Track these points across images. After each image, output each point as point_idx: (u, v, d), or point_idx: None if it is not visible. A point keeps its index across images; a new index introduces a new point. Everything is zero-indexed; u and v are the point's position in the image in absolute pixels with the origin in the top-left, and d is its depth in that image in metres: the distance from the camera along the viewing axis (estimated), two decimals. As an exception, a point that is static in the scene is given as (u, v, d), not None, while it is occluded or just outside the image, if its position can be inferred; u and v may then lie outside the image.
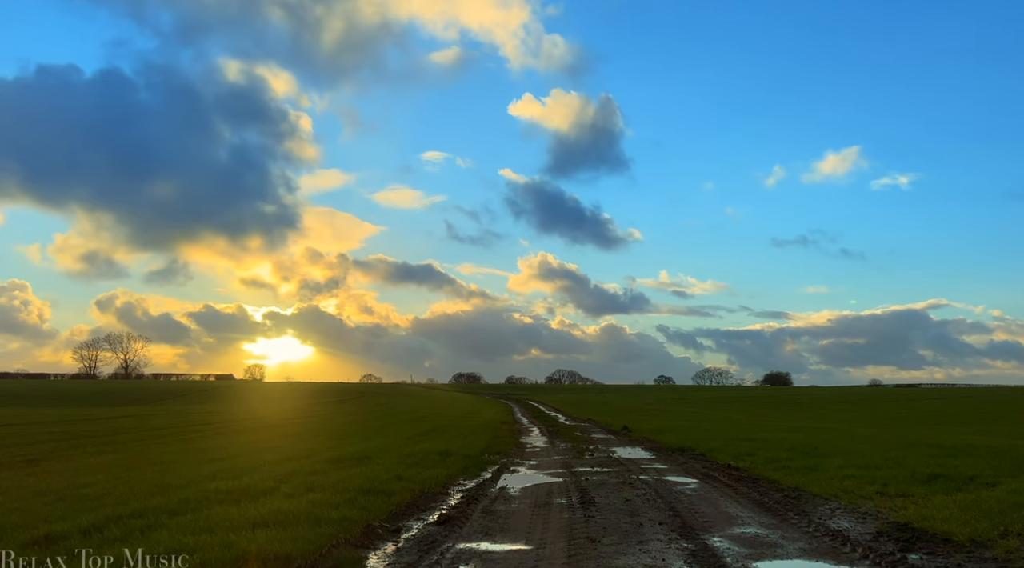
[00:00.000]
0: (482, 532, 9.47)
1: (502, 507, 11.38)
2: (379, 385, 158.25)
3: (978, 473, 13.38)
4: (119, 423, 40.37)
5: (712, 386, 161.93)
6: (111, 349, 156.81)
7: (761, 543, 8.75)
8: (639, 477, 14.88)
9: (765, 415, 48.81)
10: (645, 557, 8.02)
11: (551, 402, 73.94)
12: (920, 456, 16.47)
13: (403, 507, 10.96)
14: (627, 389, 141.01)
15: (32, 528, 8.83)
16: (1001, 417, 42.97)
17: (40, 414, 52.07)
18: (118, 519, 9.31)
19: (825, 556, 8.12)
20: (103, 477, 14.62)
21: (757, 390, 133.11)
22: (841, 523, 9.85)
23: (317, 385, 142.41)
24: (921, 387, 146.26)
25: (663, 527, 9.66)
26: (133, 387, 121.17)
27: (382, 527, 9.50)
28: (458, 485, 13.72)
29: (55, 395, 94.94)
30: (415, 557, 8.13)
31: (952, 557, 7.85)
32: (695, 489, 13.23)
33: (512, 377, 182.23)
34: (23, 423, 40.20)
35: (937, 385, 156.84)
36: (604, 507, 11.23)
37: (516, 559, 8.04)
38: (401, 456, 17.14)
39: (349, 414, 50.71)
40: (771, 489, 12.92)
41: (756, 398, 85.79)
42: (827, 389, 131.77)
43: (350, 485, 12.09)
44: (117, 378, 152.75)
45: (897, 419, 43.11)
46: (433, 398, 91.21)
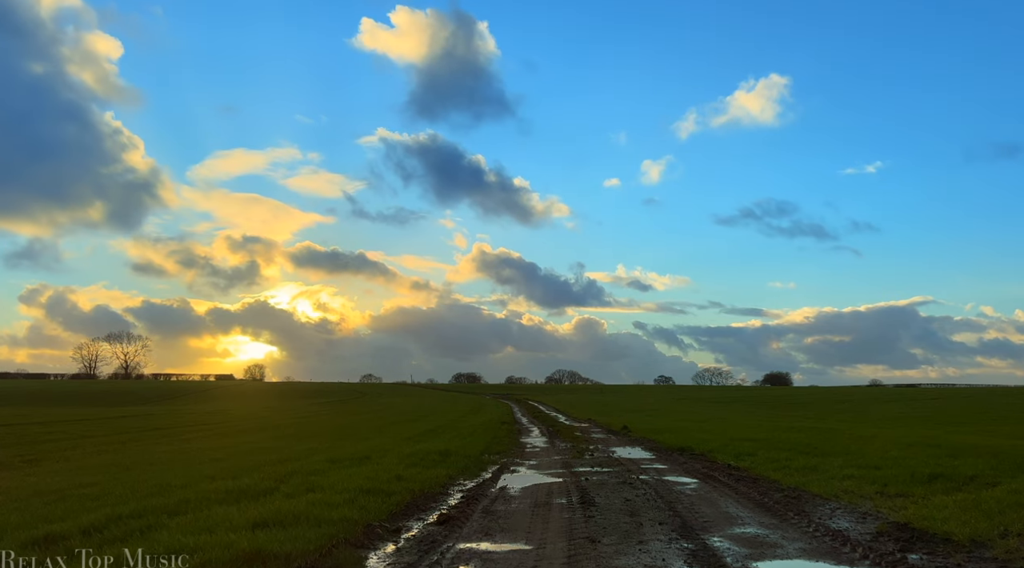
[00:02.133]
0: (482, 532, 9.47)
1: (502, 507, 11.38)
2: (379, 385, 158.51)
3: (978, 473, 13.37)
4: (119, 423, 40.36)
5: (712, 386, 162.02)
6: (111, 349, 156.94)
7: (761, 543, 8.74)
8: (639, 477, 14.87)
9: (765, 415, 48.82)
10: (645, 557, 8.02)
11: (551, 402, 73.94)
12: (920, 456, 16.47)
13: (403, 507, 10.96)
14: (627, 389, 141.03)
15: (32, 528, 8.83)
16: (1002, 417, 42.96)
17: (40, 414, 52.05)
18: (118, 519, 9.31)
19: (825, 556, 8.12)
20: (103, 477, 14.62)
21: (757, 390, 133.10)
22: (841, 523, 9.85)
23: (317, 385, 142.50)
24: (921, 387, 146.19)
25: (663, 527, 9.66)
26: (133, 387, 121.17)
27: (382, 527, 9.50)
28: (458, 485, 13.72)
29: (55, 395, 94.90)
30: (415, 557, 8.13)
31: (952, 557, 7.85)
32: (695, 489, 13.23)
33: (512, 377, 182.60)
34: (23, 423, 40.19)
35: (937, 385, 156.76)
36: (604, 507, 11.22)
37: (516, 559, 8.04)
38: (401, 456, 17.14)
39: (349, 414, 50.70)
40: (771, 489, 12.92)
41: (756, 398, 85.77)
42: (827, 389, 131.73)
43: (350, 485, 12.09)
44: (117, 378, 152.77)
45: (897, 419, 43.11)
46: (433, 398, 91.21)
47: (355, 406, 70.18)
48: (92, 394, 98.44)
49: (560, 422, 38.66)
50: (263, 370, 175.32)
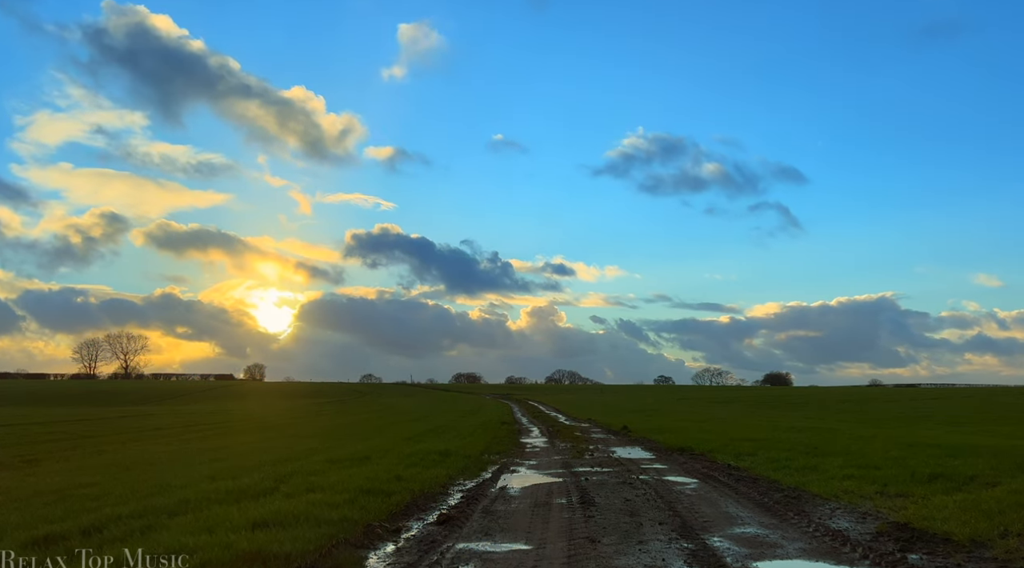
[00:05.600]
0: (482, 532, 9.46)
1: (502, 507, 11.37)
2: (379, 385, 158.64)
3: (978, 473, 13.37)
4: (119, 423, 40.37)
5: (712, 386, 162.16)
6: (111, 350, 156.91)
7: (761, 543, 8.74)
8: (639, 477, 14.87)
9: (765, 415, 48.79)
10: (645, 557, 8.02)
11: (551, 402, 73.92)
12: (920, 456, 16.46)
13: (403, 507, 10.95)
14: (626, 389, 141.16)
15: (32, 528, 8.83)
16: (1002, 417, 42.97)
17: (40, 414, 52.07)
18: (118, 519, 9.31)
19: (825, 556, 8.12)
20: (103, 477, 14.62)
21: (757, 390, 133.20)
22: (841, 523, 9.85)
23: (317, 385, 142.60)
24: (921, 387, 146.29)
25: (663, 527, 9.65)
26: (133, 387, 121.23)
27: (382, 527, 9.49)
28: (458, 485, 13.71)
29: (55, 395, 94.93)
30: (415, 557, 8.13)
31: (952, 557, 7.85)
32: (695, 489, 13.23)
33: (512, 377, 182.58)
34: (23, 423, 40.20)
35: (936, 385, 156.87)
36: (604, 507, 11.22)
37: (516, 559, 8.04)
38: (401, 456, 17.13)
39: (349, 414, 50.69)
40: (771, 489, 12.92)
41: (756, 398, 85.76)
42: (826, 389, 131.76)
43: (350, 485, 12.08)
44: (117, 378, 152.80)
45: (897, 419, 43.09)
46: (433, 398, 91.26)
47: (355, 406, 70.19)
48: (92, 394, 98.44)
49: (560, 422, 38.65)
50: (263, 370, 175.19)
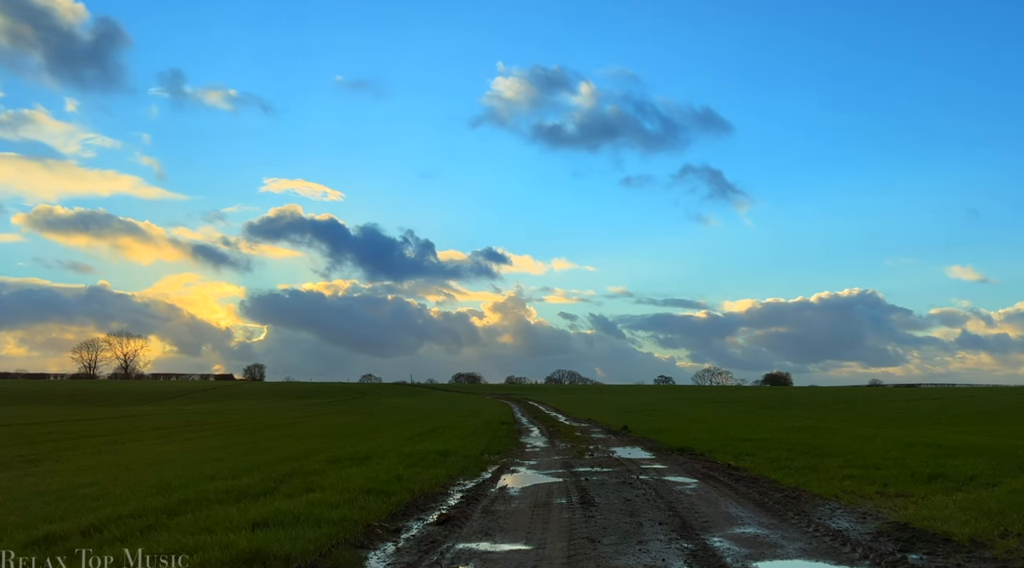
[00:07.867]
0: (482, 532, 9.47)
1: (502, 507, 11.37)
2: (379, 385, 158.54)
3: (978, 473, 13.37)
4: (119, 423, 40.37)
5: (712, 386, 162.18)
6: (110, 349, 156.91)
7: (761, 543, 8.74)
8: (639, 477, 14.87)
9: (765, 415, 48.76)
10: (645, 557, 8.02)
11: (551, 402, 73.91)
12: (920, 456, 16.47)
13: (403, 507, 10.95)
14: (627, 389, 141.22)
15: (32, 528, 8.82)
16: (1002, 417, 42.95)
17: (40, 414, 52.07)
18: (118, 519, 9.30)
19: (825, 556, 8.12)
20: (103, 477, 14.61)
21: (757, 390, 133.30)
22: (841, 523, 9.85)
23: (316, 385, 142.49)
24: (921, 387, 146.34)
25: (663, 527, 9.65)
26: (133, 387, 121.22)
27: (382, 527, 9.49)
28: (458, 485, 13.71)
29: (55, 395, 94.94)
30: (415, 557, 8.13)
31: (952, 557, 7.85)
32: (695, 489, 13.23)
33: (512, 377, 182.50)
34: (23, 423, 40.20)
35: (936, 385, 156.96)
36: (604, 507, 11.22)
37: (516, 559, 8.04)
38: (401, 456, 17.13)
39: (348, 414, 50.68)
40: (771, 489, 12.91)
41: (756, 398, 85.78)
42: (826, 389, 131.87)
43: (350, 485, 12.08)
44: (117, 378, 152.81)
45: (897, 419, 43.07)
46: (433, 398, 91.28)
47: (355, 406, 70.19)
48: (92, 394, 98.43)
49: (560, 422, 38.65)
50: (263, 370, 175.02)
